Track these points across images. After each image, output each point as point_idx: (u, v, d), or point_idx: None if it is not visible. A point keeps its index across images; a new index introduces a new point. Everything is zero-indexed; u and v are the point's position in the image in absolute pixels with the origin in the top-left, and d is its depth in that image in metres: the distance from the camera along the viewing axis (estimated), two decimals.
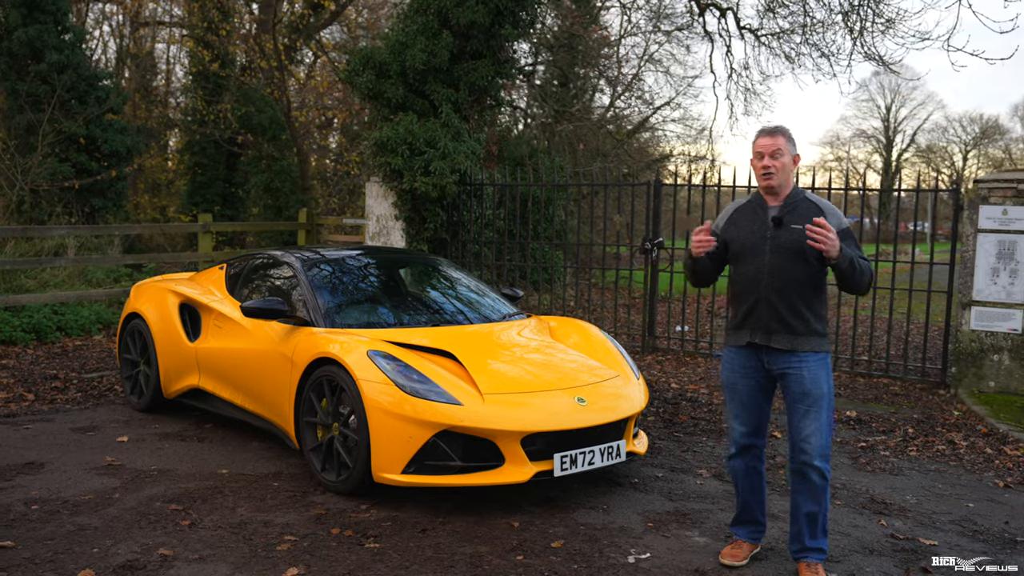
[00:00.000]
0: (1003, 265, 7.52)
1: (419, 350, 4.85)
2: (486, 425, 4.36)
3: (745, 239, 3.76)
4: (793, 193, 3.77)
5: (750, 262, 3.73)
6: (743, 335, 3.78)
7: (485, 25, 10.52)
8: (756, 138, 3.78)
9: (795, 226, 3.65)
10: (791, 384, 3.69)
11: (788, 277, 3.65)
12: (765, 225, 3.74)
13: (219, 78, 20.01)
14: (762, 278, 3.69)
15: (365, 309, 5.49)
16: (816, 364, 3.68)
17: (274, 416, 5.26)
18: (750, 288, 3.73)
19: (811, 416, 3.67)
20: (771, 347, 3.70)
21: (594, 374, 5.03)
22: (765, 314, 3.69)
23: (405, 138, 10.13)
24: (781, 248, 3.67)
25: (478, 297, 6.03)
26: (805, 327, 3.67)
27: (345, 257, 6.07)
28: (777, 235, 3.69)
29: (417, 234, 10.56)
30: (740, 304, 3.79)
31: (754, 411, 3.83)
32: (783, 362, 3.70)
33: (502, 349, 5.18)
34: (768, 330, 3.69)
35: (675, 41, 21.98)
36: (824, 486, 3.71)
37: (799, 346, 3.66)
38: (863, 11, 11.46)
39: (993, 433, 6.32)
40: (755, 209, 3.82)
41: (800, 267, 3.65)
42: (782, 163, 3.72)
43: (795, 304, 3.66)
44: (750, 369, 3.79)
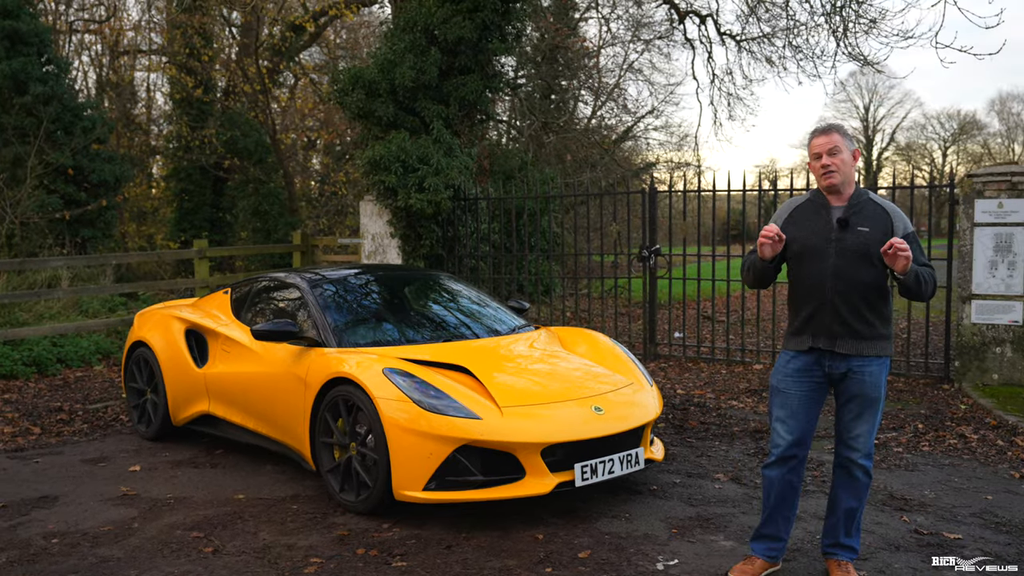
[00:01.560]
0: (1001, 258, 7.58)
1: (433, 366, 4.84)
2: (506, 438, 4.35)
3: (807, 240, 3.65)
4: (857, 193, 3.68)
5: (813, 264, 3.62)
6: (805, 340, 3.67)
7: (472, 40, 10.55)
8: (811, 140, 3.70)
9: (861, 228, 3.58)
10: (850, 386, 3.64)
11: (853, 280, 3.56)
12: (829, 226, 3.63)
13: (203, 104, 19.99)
14: (826, 281, 3.58)
15: (374, 327, 5.48)
16: (879, 368, 3.64)
17: (288, 439, 5.23)
18: (813, 292, 3.63)
19: (864, 418, 3.66)
20: (835, 351, 3.63)
21: (608, 382, 5.03)
22: (828, 318, 3.59)
23: (398, 156, 10.14)
24: (846, 251, 3.57)
25: (486, 310, 6.03)
26: (871, 331, 3.60)
27: (349, 276, 6.06)
28: (843, 237, 3.59)
29: (413, 251, 10.56)
30: (801, 308, 3.69)
31: (803, 418, 3.72)
32: (845, 365, 3.61)
33: (515, 361, 5.18)
34: (832, 335, 3.60)
35: (655, 49, 22.12)
36: (867, 484, 3.72)
37: (864, 350, 3.59)
38: (846, 12, 11.58)
39: (1003, 425, 6.35)
40: (818, 209, 3.71)
41: (865, 270, 3.56)
42: (841, 159, 3.61)
43: (859, 308, 3.57)
44: (807, 374, 3.68)
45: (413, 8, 10.89)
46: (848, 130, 3.73)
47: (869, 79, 49.46)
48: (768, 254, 3.63)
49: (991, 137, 51.54)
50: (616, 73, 22.00)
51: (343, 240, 12.37)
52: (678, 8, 18.50)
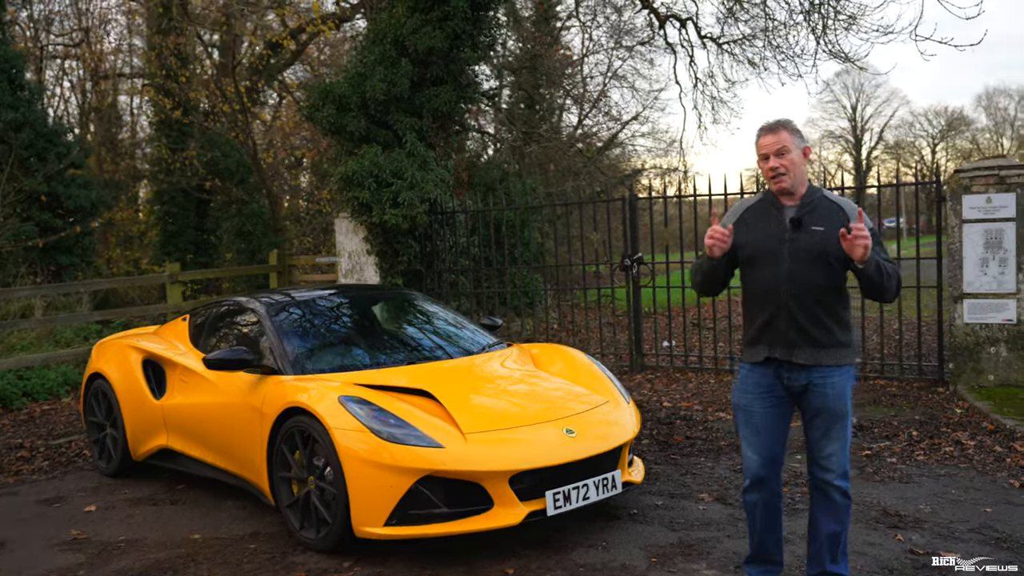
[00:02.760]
0: (991, 255, 7.33)
1: (395, 391, 4.57)
2: (470, 467, 4.08)
3: (760, 243, 3.42)
4: (810, 192, 3.45)
5: (766, 268, 3.40)
6: (760, 350, 3.44)
7: (444, 50, 10.32)
8: (757, 138, 3.46)
9: (816, 228, 3.35)
10: (813, 400, 3.39)
11: (809, 283, 3.33)
12: (782, 227, 3.40)
13: (183, 125, 19.77)
14: (780, 286, 3.35)
15: (337, 352, 5.21)
16: (841, 378, 3.38)
17: (247, 472, 4.94)
18: (767, 297, 3.40)
19: (833, 434, 3.39)
20: (792, 362, 3.38)
21: (582, 401, 4.76)
22: (784, 326, 3.36)
23: (371, 171, 9.88)
24: (800, 252, 3.34)
25: (455, 329, 5.75)
26: (829, 337, 3.36)
27: (314, 299, 5.78)
28: (796, 238, 3.35)
29: (391, 268, 10.29)
30: (756, 315, 3.45)
31: (771, 437, 3.48)
32: (805, 377, 3.38)
33: (483, 383, 4.91)
34: (789, 343, 3.36)
35: (638, 56, 21.97)
36: (847, 505, 3.44)
37: (823, 359, 3.35)
38: (824, 9, 11.37)
39: (1000, 430, 6.09)
40: (769, 209, 3.48)
41: (821, 272, 3.33)
42: (790, 160, 3.38)
43: (817, 313, 3.34)
44: (767, 388, 3.45)
45: (383, 20, 10.66)
46: (796, 125, 3.48)
47: (855, 78, 49.42)
48: (717, 252, 3.40)
49: (979, 132, 51.50)
50: (600, 81, 21.86)
51: (321, 259, 12.11)
52: (658, 13, 18.33)
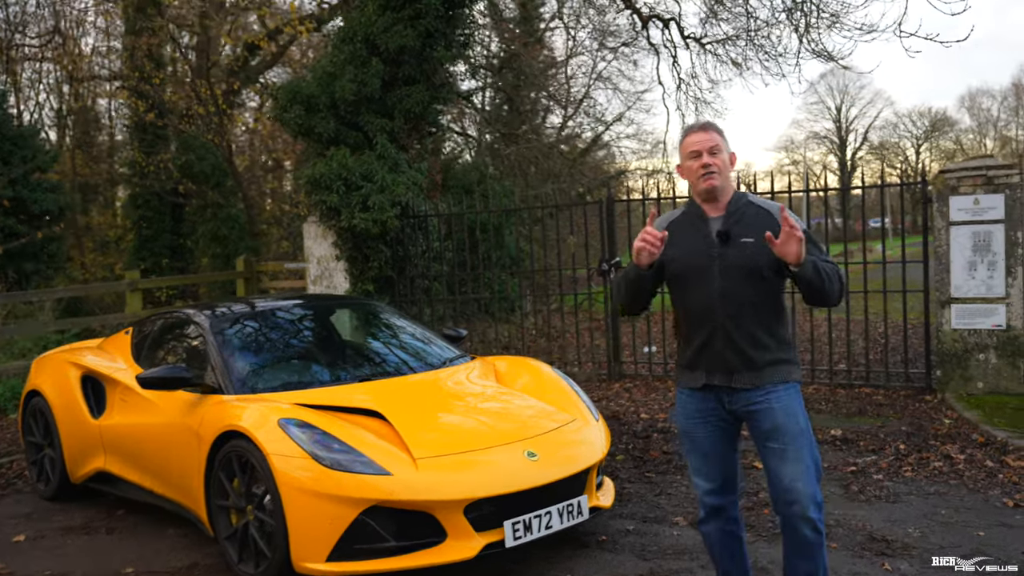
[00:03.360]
0: (980, 258, 7.05)
1: (343, 412, 4.22)
2: (420, 496, 3.73)
3: (688, 260, 3.12)
4: (735, 198, 3.16)
5: (697, 288, 3.10)
6: (698, 376, 3.14)
7: (416, 49, 9.98)
8: (685, 137, 3.19)
9: (745, 240, 3.05)
10: (760, 421, 3.07)
11: (744, 301, 3.05)
12: (709, 241, 3.10)
13: (158, 128, 19.39)
14: (714, 306, 3.07)
15: (286, 369, 4.85)
16: (787, 395, 3.08)
17: (185, 499, 4.58)
18: (701, 319, 3.10)
19: (790, 456, 3.04)
20: (732, 387, 3.09)
21: (547, 420, 4.42)
22: (721, 348, 3.07)
23: (339, 173, 9.53)
24: (732, 268, 3.05)
25: (415, 342, 5.40)
26: (767, 356, 3.07)
27: (265, 310, 5.43)
28: (725, 253, 3.07)
29: (361, 274, 9.92)
30: (691, 338, 3.16)
31: (719, 462, 3.19)
32: (746, 400, 3.08)
33: (440, 401, 4.56)
34: (728, 368, 3.08)
35: (622, 57, 21.70)
36: (819, 540, 3.08)
37: (763, 379, 3.06)
38: (807, 7, 11.09)
39: (991, 442, 5.79)
40: (693, 222, 3.18)
41: (756, 287, 3.05)
42: (721, 160, 3.12)
43: (755, 333, 3.06)
44: (709, 413, 3.16)
45: (354, 18, 10.32)
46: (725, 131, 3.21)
47: (840, 80, 49.36)
48: (646, 260, 3.04)
49: (963, 133, 51.59)
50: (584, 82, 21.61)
51: (290, 265, 11.74)
52: (640, 13, 18.07)
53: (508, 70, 18.05)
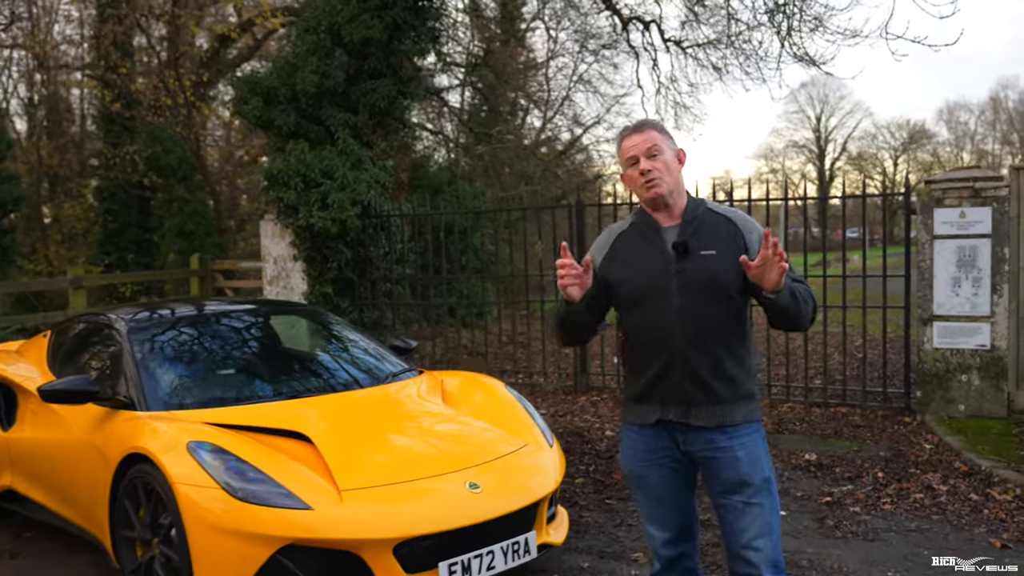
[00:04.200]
0: (965, 274, 6.71)
1: (267, 433, 3.78)
2: (343, 534, 3.30)
3: (639, 278, 2.70)
4: (692, 205, 2.75)
5: (651, 310, 2.67)
6: (650, 410, 2.71)
7: (382, 41, 9.55)
8: (620, 142, 2.76)
9: (706, 252, 2.65)
10: (721, 471, 2.66)
11: (706, 324, 2.63)
12: (665, 255, 2.68)
13: (126, 119, 18.84)
14: (672, 328, 2.64)
15: (209, 382, 4.39)
16: (752, 440, 2.68)
17: (91, 526, 4.12)
18: (658, 345, 2.67)
19: (753, 512, 2.64)
20: (689, 424, 2.67)
21: (495, 446, 4.00)
22: (680, 377, 2.64)
23: (298, 169, 9.07)
24: (691, 285, 2.63)
25: (358, 354, 4.96)
26: (733, 390, 2.66)
27: (194, 315, 4.96)
28: (684, 268, 2.65)
29: (320, 275, 9.46)
30: (644, 366, 2.72)
31: (676, 508, 2.78)
32: (706, 442, 2.66)
33: (377, 422, 4.13)
34: (685, 401, 2.65)
35: (603, 60, 21.40)
36: None
37: (728, 418, 2.64)
38: (789, 9, 10.76)
39: (975, 472, 5.43)
40: (644, 234, 2.76)
41: (719, 307, 2.64)
42: (664, 162, 2.69)
43: (719, 360, 2.64)
44: (662, 453, 2.73)
45: (318, 7, 9.86)
46: (667, 127, 2.81)
47: (820, 89, 49.42)
48: (576, 294, 2.62)
49: (940, 146, 51.84)
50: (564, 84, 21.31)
51: (245, 264, 11.25)
52: (620, 14, 17.75)
53: (485, 68, 17.67)
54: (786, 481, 5.45)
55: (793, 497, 5.13)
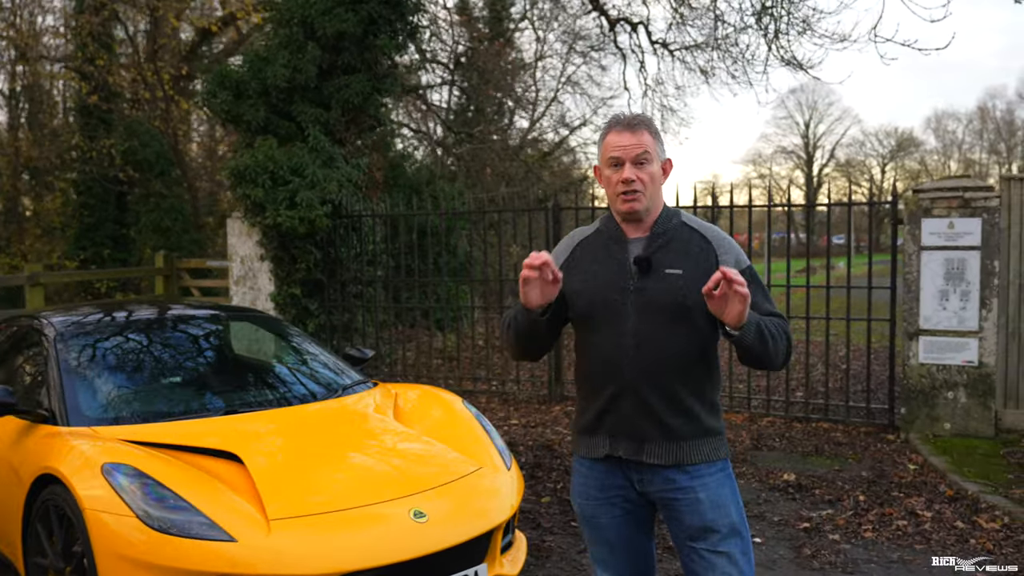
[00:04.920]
0: (952, 287, 6.45)
1: (195, 453, 3.46)
2: (270, 569, 2.98)
3: (595, 292, 2.39)
4: (664, 217, 2.43)
5: (605, 329, 2.37)
6: (599, 444, 2.41)
7: (357, 36, 9.22)
8: (606, 134, 2.41)
9: (671, 271, 2.34)
10: (682, 515, 2.36)
11: (664, 351, 2.32)
12: (625, 270, 2.38)
13: (102, 112, 18.48)
14: (623, 354, 2.34)
15: (139, 396, 4.05)
16: (716, 480, 2.37)
17: (7, 549, 3.79)
18: (608, 370, 2.36)
19: (719, 562, 2.33)
20: (643, 462, 2.37)
21: (447, 469, 3.69)
22: (631, 410, 2.34)
23: (266, 166, 8.73)
24: (651, 306, 2.33)
25: (308, 365, 4.63)
26: (694, 427, 2.35)
27: (131, 321, 4.62)
28: (645, 287, 2.35)
29: (287, 276, 9.13)
30: (593, 394, 2.42)
31: (629, 553, 2.48)
32: (664, 481, 2.36)
33: (318, 441, 3.80)
34: (637, 436, 2.35)
35: (591, 62, 21.20)
36: None
37: (688, 456, 2.34)
38: (776, 11, 10.50)
39: (961, 496, 5.15)
40: (607, 244, 2.45)
41: (680, 333, 2.33)
42: (650, 174, 2.36)
43: (678, 393, 2.33)
44: (614, 492, 2.43)
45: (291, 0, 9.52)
46: (658, 127, 2.45)
47: (809, 96, 49.42)
48: (535, 300, 2.28)
49: (928, 154, 51.95)
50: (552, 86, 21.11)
51: (212, 263, 10.90)
52: (608, 15, 17.52)
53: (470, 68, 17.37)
54: (763, 504, 5.17)
55: (770, 522, 4.85)
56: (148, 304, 5.01)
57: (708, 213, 7.71)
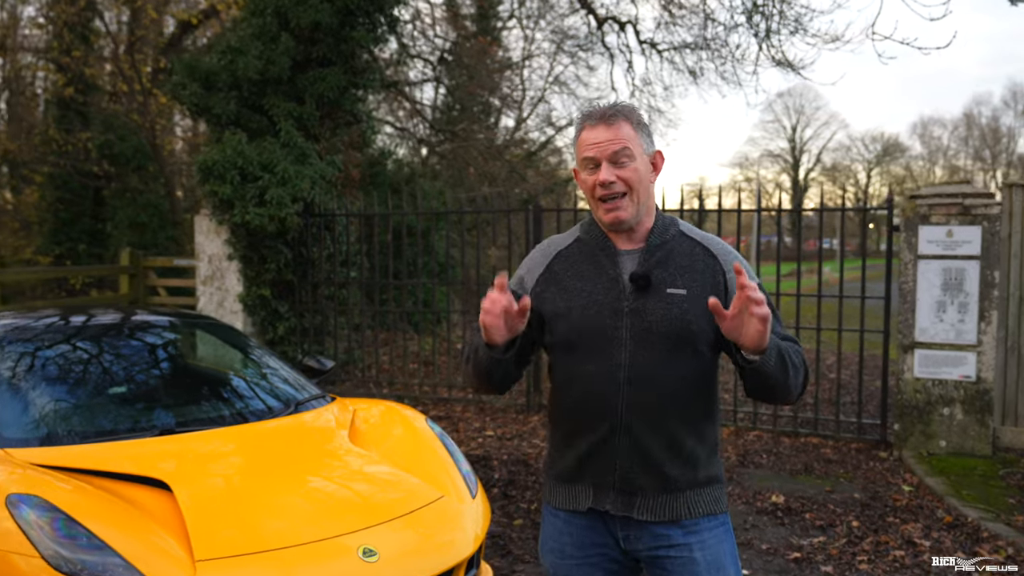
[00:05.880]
0: (950, 298, 6.14)
1: (119, 480, 3.09)
2: None
3: (582, 315, 2.00)
4: (661, 226, 2.05)
5: (593, 358, 1.98)
6: (581, 495, 2.04)
7: (333, 27, 8.85)
8: (580, 130, 2.02)
9: (673, 291, 1.96)
10: (674, 573, 1.99)
11: (664, 386, 1.95)
12: (617, 287, 2.00)
13: (79, 105, 18.07)
14: (616, 388, 1.96)
15: (63, 413, 3.65)
16: (716, 537, 2.02)
17: None
18: (595, 407, 1.98)
19: None
20: (632, 519, 2.00)
21: (403, 500, 3.32)
22: (623, 458, 1.97)
23: (234, 161, 8.34)
24: (649, 332, 1.95)
25: (258, 378, 4.25)
26: (692, 474, 1.99)
27: (62, 327, 4.22)
28: (642, 308, 1.96)
29: (257, 276, 8.74)
30: (574, 435, 2.04)
31: None
32: (655, 538, 1.99)
33: (261, 466, 3.42)
34: (628, 488, 1.98)
35: (579, 62, 20.93)
36: None
37: (686, 511, 1.98)
38: (767, 10, 10.20)
39: (960, 523, 4.84)
40: (594, 256, 2.06)
41: (683, 364, 1.96)
42: (635, 172, 1.97)
43: (676, 433, 1.97)
44: (595, 551, 2.06)
45: None
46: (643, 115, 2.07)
47: (796, 100, 49.39)
48: (497, 337, 1.90)
49: (913, 160, 52.06)
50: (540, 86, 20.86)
51: (180, 261, 10.50)
52: (596, 13, 17.24)
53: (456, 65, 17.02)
54: (750, 529, 4.84)
55: (757, 551, 4.51)
56: (103, 307, 4.62)
57: (695, 216, 7.40)
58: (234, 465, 3.38)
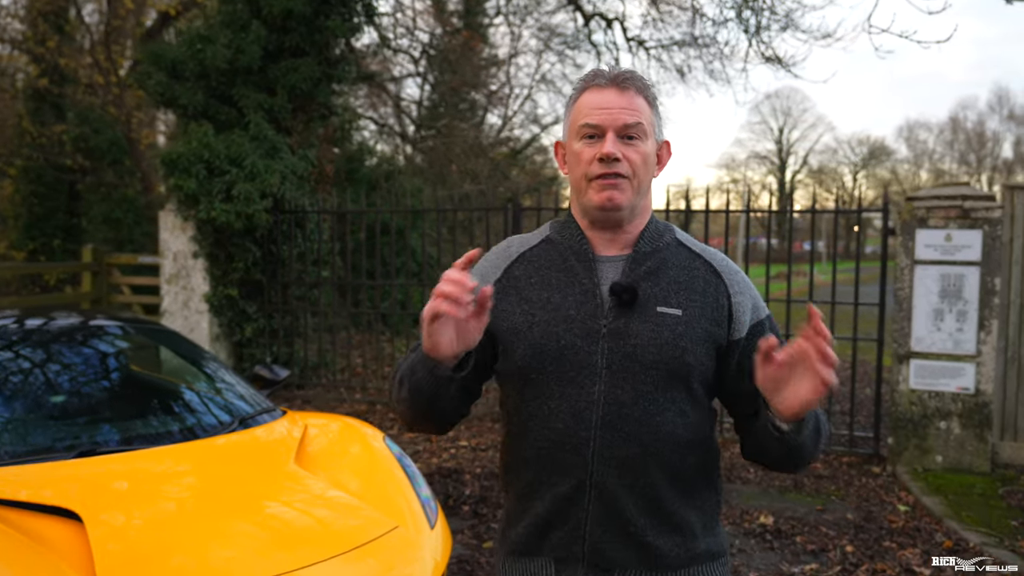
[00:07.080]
0: (948, 306, 5.83)
1: (28, 509, 2.71)
2: None
3: (547, 334, 1.56)
4: (652, 231, 1.64)
5: (558, 391, 1.55)
6: (539, 572, 1.60)
7: (306, 15, 8.47)
8: (582, 92, 1.60)
9: (665, 310, 1.55)
10: None
11: (648, 429, 1.53)
12: (593, 301, 1.57)
13: (54, 97, 17.64)
14: (587, 431, 1.53)
15: None
16: None
17: None
18: (559, 457, 1.55)
19: None
20: None
21: (353, 531, 2.95)
22: (593, 522, 1.55)
23: (200, 154, 7.95)
24: (631, 360, 1.53)
25: (200, 390, 3.87)
26: (687, 549, 1.58)
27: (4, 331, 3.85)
28: (624, 327, 1.54)
29: (224, 275, 8.35)
30: (532, 492, 1.61)
31: None
32: None
33: (190, 492, 3.05)
34: (601, 564, 1.55)
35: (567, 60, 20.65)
36: None
37: None
38: (757, 5, 9.90)
39: (961, 548, 4.53)
40: (567, 260, 1.63)
41: (676, 404, 1.55)
42: (643, 156, 1.56)
43: (665, 496, 1.55)
44: None
45: None
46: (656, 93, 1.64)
47: (784, 101, 49.33)
48: (446, 347, 1.43)
49: (899, 163, 52.19)
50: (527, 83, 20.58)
51: (144, 258, 10.08)
52: (583, 10, 16.94)
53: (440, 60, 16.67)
54: (738, 554, 4.50)
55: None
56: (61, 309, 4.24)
57: (681, 217, 7.07)
58: (159, 489, 2.99)
